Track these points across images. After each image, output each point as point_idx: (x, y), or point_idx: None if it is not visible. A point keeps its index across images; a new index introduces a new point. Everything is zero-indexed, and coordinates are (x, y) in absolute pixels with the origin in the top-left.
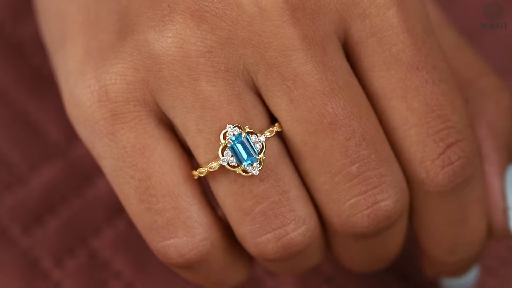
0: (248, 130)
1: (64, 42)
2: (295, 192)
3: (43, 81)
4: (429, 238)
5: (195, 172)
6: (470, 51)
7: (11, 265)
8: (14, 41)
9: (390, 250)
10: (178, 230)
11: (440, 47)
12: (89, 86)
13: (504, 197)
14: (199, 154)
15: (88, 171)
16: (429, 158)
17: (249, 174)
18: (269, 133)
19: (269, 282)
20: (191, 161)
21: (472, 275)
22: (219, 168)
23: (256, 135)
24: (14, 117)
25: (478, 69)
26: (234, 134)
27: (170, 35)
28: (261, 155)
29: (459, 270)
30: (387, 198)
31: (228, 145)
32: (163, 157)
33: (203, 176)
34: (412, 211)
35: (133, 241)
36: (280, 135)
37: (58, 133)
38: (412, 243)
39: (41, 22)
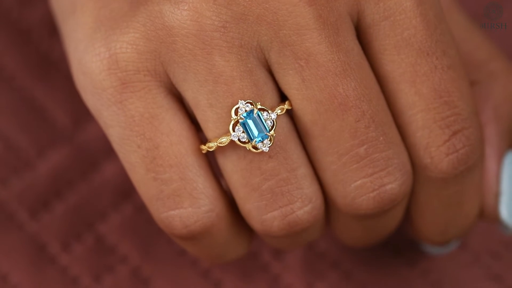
0: (260, 106)
1: (74, 9)
2: (303, 170)
3: (50, 67)
4: (423, 220)
5: (203, 147)
6: (480, 33)
7: (18, 249)
8: (21, 27)
9: (389, 228)
10: (184, 200)
11: (450, 33)
12: (98, 54)
13: (498, 181)
14: (208, 128)
15: (95, 156)
16: (434, 144)
17: (259, 150)
18: (280, 111)
19: (275, 266)
20: (199, 134)
21: (454, 244)
22: (228, 144)
23: (268, 112)
24: (21, 102)
25: (488, 52)
26: (246, 110)
27: (185, 8)
28: (272, 132)
29: (444, 244)
30: (393, 181)
31: (240, 121)
32: (171, 127)
33: (211, 151)
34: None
35: (140, 226)
36: (289, 113)
37: (65, 118)
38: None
39: None
